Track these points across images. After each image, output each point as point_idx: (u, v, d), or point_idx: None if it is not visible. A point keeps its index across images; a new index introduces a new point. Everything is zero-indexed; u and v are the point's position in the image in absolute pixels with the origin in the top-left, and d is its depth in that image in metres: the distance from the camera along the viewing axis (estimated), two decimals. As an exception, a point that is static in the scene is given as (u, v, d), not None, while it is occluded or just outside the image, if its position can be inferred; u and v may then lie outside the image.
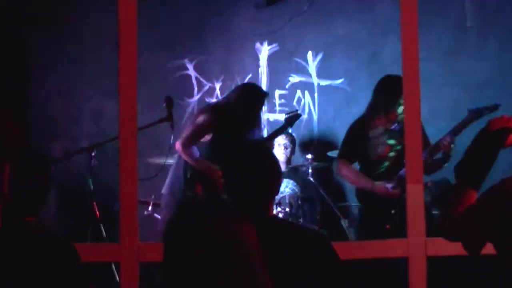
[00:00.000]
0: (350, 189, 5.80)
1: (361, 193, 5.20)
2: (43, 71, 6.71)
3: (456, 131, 5.03)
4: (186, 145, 5.42)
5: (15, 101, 6.44)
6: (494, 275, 2.60)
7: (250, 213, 2.79)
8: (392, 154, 5.12)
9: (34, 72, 6.71)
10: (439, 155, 5.08)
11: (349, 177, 5.22)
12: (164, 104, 5.42)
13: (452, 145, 4.99)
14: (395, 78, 4.88)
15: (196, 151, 5.47)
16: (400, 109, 4.93)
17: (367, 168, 5.16)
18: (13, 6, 6.54)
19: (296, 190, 6.20)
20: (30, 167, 2.82)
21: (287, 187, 6.13)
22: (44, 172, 2.88)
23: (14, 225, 2.75)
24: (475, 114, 5.00)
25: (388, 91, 5.07)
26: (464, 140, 4.27)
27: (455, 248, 2.73)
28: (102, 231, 5.31)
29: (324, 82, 7.08)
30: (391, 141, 5.12)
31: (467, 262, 4.47)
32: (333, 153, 5.88)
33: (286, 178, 6.13)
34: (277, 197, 5.66)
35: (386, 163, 5.12)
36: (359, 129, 5.17)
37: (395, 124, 5.10)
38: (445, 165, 5.05)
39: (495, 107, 4.98)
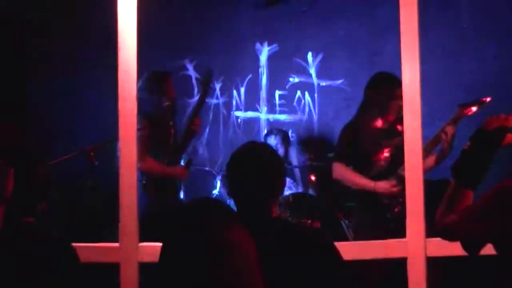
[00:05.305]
0: (350, 189, 5.79)
1: (360, 194, 5.19)
2: (43, 70, 6.70)
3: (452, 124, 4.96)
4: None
5: (14, 101, 6.44)
6: (494, 275, 2.60)
7: (253, 213, 2.79)
8: (388, 154, 5.09)
9: (34, 71, 6.71)
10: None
11: (348, 178, 5.17)
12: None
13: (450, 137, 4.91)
14: (388, 76, 4.87)
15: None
16: (396, 107, 4.88)
17: (363, 169, 5.13)
18: (13, 6, 6.54)
19: (296, 190, 6.19)
20: (27, 168, 2.82)
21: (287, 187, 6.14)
22: (42, 172, 2.87)
23: (12, 226, 2.75)
24: (464, 108, 4.94)
25: (381, 89, 5.03)
26: (461, 138, 4.26)
27: (455, 248, 2.73)
28: (102, 231, 5.31)
29: (324, 83, 7.07)
30: (387, 141, 5.09)
31: (467, 262, 4.47)
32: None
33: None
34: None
35: (383, 163, 5.09)
36: (354, 130, 5.13)
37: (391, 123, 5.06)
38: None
39: (482, 102, 4.92)
